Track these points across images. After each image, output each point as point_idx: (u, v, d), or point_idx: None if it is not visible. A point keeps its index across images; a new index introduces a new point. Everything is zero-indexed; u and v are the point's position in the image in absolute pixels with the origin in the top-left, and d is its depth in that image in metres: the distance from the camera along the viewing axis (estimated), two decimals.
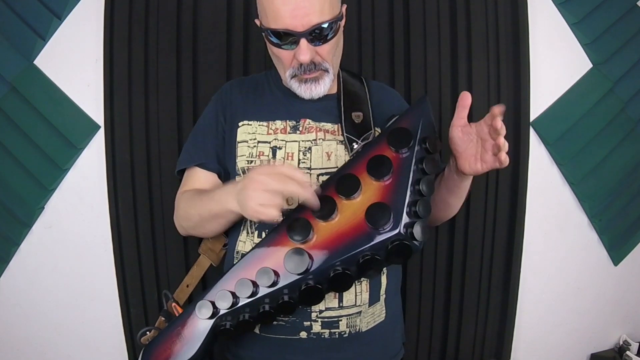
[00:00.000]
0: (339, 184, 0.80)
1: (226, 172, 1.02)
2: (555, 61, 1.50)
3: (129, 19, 1.31)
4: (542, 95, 1.50)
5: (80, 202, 1.40)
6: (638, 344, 1.69)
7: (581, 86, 1.52)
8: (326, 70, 0.91)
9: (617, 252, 1.65)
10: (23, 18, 1.32)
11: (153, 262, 1.39)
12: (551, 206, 1.57)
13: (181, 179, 1.06)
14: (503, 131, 0.79)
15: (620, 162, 1.58)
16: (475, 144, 0.86)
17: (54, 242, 1.42)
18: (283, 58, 0.91)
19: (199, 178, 1.01)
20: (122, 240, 1.38)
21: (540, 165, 1.53)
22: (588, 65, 1.52)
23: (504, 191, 1.48)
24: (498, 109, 0.79)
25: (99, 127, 1.37)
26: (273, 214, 0.76)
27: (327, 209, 0.79)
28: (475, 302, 1.51)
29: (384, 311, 0.98)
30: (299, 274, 0.78)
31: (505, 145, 0.80)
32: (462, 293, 1.50)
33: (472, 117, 1.41)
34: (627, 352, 1.65)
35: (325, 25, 0.85)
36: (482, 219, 1.47)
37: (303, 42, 0.85)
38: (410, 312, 1.47)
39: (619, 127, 1.56)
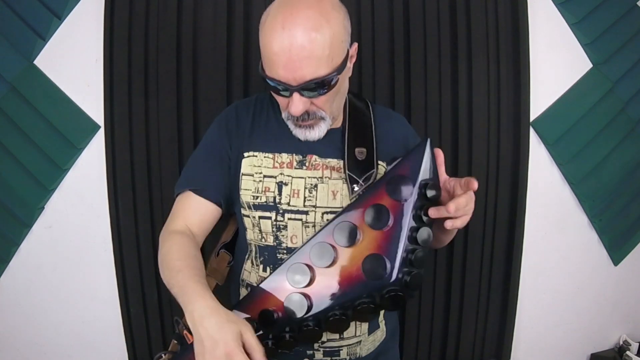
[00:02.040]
0: (336, 231, 0.82)
1: (228, 202, 0.97)
2: (556, 61, 1.50)
3: (129, 19, 1.31)
4: (542, 96, 1.50)
5: (80, 202, 1.40)
6: (638, 344, 1.68)
7: (581, 86, 1.51)
8: (322, 118, 0.87)
9: (617, 252, 1.64)
10: (23, 18, 1.31)
11: (153, 262, 1.38)
12: (551, 206, 1.57)
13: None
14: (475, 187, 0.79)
15: (620, 162, 1.58)
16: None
17: (54, 242, 1.42)
18: (280, 102, 0.87)
19: (192, 207, 0.94)
20: (122, 240, 1.38)
21: (540, 165, 1.52)
22: (588, 65, 1.52)
23: (504, 191, 1.47)
24: (475, 185, 0.78)
25: (99, 127, 1.37)
26: None
27: (326, 257, 0.81)
28: (475, 302, 1.51)
29: (385, 334, 1.00)
30: (298, 318, 0.81)
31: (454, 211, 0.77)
32: (462, 293, 1.49)
33: (472, 118, 1.42)
34: (627, 352, 1.65)
35: (322, 80, 0.79)
36: (482, 219, 1.46)
37: (295, 95, 0.80)
38: (410, 312, 1.46)
39: (619, 127, 1.56)
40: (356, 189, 0.90)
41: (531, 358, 1.65)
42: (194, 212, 0.94)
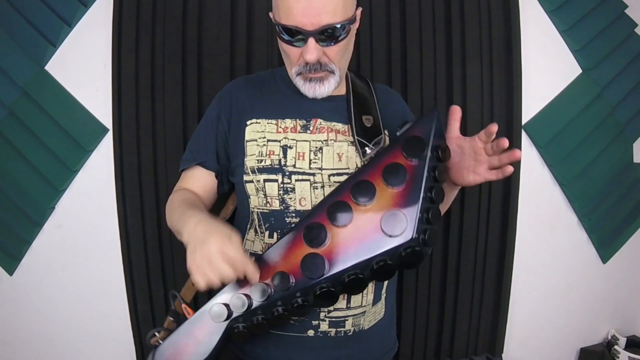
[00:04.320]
0: (354, 189, 0.79)
1: (228, 171, 1.00)
2: (546, 67, 1.51)
3: (136, 26, 1.31)
4: (534, 100, 1.50)
5: (90, 202, 1.40)
6: (626, 338, 1.69)
7: (571, 91, 1.52)
8: (332, 72, 0.88)
9: (605, 250, 1.65)
10: (34, 25, 1.32)
11: (159, 259, 1.38)
12: (542, 206, 1.57)
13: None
14: (505, 145, 0.81)
15: (608, 164, 1.58)
16: (469, 156, 0.85)
17: (64, 241, 1.42)
18: (291, 55, 0.88)
19: (194, 175, 1.00)
20: (130, 239, 1.38)
21: (532, 166, 1.53)
22: (577, 70, 1.53)
23: (497, 192, 1.48)
24: (494, 127, 0.80)
25: (107, 130, 1.37)
26: (201, 287, 0.73)
27: (342, 214, 0.78)
28: (469, 299, 1.51)
29: (384, 309, 0.98)
30: (314, 279, 0.77)
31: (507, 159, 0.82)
32: (457, 290, 1.49)
33: (466, 120, 1.42)
34: (615, 347, 1.65)
35: (337, 27, 0.82)
36: (475, 218, 1.47)
37: (311, 41, 0.82)
38: (406, 308, 1.46)
39: (607, 130, 1.57)
40: (368, 151, 0.90)
41: (523, 352, 1.65)
42: (195, 180, 1.00)
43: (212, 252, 0.71)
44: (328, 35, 0.82)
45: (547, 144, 1.52)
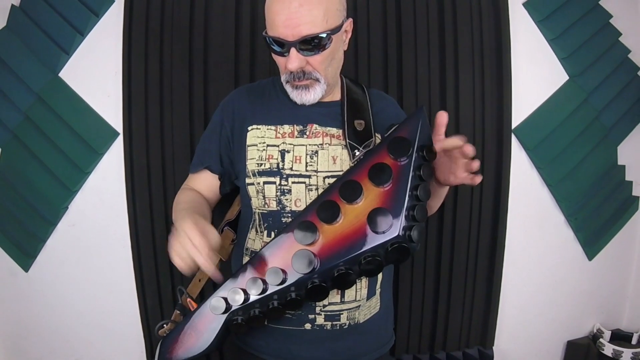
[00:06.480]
0: (342, 189, 0.80)
1: (230, 174, 1.02)
2: (535, 73, 1.52)
3: (145, 35, 1.32)
4: (523, 105, 1.51)
5: (101, 203, 1.41)
6: (610, 332, 1.70)
7: (558, 96, 1.53)
8: (317, 80, 0.89)
9: (591, 248, 1.66)
10: (49, 34, 1.33)
11: (167, 257, 1.38)
12: (531, 206, 1.58)
13: None
14: (472, 153, 0.80)
15: (594, 166, 1.59)
16: (449, 159, 0.85)
17: (77, 239, 1.43)
18: (279, 64, 0.91)
19: (200, 177, 1.04)
20: (139, 238, 1.39)
21: (521, 168, 1.54)
22: (565, 77, 1.54)
23: (488, 192, 1.49)
24: (464, 145, 0.80)
25: (118, 134, 1.38)
26: (177, 263, 0.78)
27: (331, 212, 0.79)
28: (462, 295, 1.52)
29: (379, 304, 1.00)
30: (305, 274, 0.79)
31: (476, 167, 0.82)
32: (450, 286, 1.51)
33: (459, 124, 1.44)
34: (601, 340, 1.66)
35: (318, 37, 0.83)
36: (467, 217, 1.48)
37: (292, 51, 0.84)
38: (402, 303, 1.47)
39: (593, 134, 1.58)
40: (357, 153, 0.92)
41: (513, 345, 1.66)
42: (201, 182, 1.04)
43: (180, 235, 0.77)
44: (313, 45, 0.84)
45: (536, 147, 1.53)
